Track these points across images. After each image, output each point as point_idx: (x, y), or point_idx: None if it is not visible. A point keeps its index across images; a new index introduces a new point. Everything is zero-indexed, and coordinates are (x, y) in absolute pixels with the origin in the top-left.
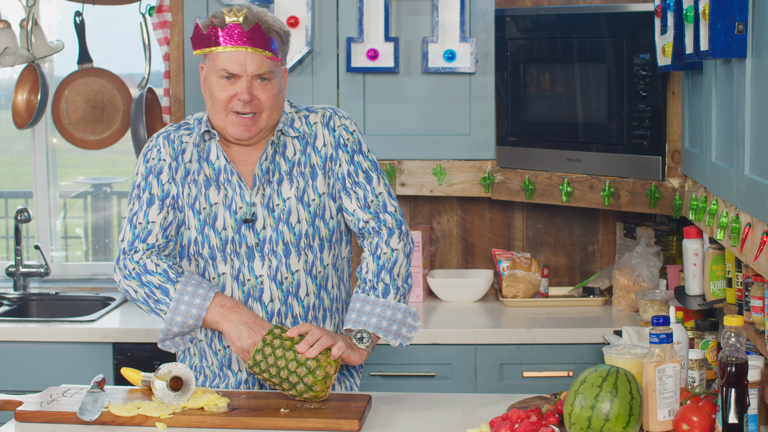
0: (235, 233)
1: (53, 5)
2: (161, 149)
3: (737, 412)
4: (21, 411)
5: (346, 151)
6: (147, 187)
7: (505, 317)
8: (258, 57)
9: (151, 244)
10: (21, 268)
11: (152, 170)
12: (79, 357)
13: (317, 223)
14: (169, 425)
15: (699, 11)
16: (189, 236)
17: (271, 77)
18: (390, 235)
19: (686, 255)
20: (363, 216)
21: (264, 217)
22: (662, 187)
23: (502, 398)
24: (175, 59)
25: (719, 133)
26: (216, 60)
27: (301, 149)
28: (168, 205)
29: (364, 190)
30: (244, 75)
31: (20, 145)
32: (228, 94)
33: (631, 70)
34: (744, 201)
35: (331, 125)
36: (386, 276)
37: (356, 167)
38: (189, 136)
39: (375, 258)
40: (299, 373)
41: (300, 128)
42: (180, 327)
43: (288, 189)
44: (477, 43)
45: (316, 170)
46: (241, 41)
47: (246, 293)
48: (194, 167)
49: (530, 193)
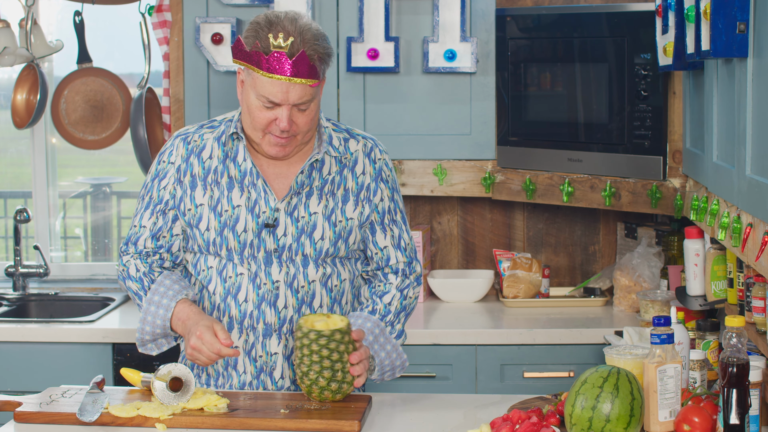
0: (255, 237)
1: (52, 5)
2: (173, 151)
3: (739, 413)
4: (20, 412)
5: (388, 186)
6: (150, 190)
7: (506, 318)
8: (300, 87)
9: (139, 248)
10: (20, 269)
11: (158, 174)
12: (79, 357)
13: (339, 244)
14: (168, 426)
15: (700, 11)
16: (208, 237)
17: (312, 100)
18: (417, 284)
19: (687, 255)
20: (397, 255)
21: (286, 224)
22: (663, 187)
23: (503, 399)
24: (175, 59)
25: (720, 133)
26: (257, 82)
27: (337, 170)
28: (159, 212)
29: (400, 230)
30: (286, 104)
31: (19, 145)
32: (268, 118)
33: (632, 69)
34: (745, 201)
35: (372, 157)
36: (404, 319)
37: (395, 205)
38: (211, 133)
39: (402, 297)
40: (342, 378)
41: (339, 148)
42: (152, 336)
43: (316, 204)
44: (477, 42)
45: (348, 195)
46: (285, 71)
47: (260, 297)
48: (217, 167)
49: (531, 193)
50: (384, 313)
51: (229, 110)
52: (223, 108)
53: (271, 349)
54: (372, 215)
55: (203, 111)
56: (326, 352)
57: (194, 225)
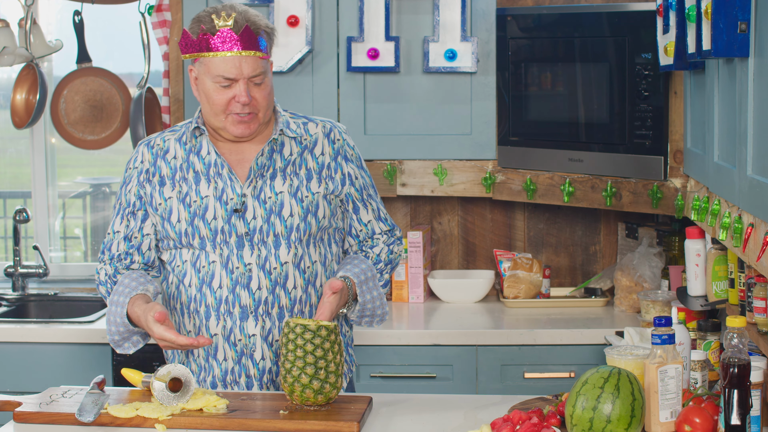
0: (225, 223)
1: (52, 4)
2: (137, 157)
3: (740, 414)
4: (20, 412)
5: (354, 164)
6: (119, 198)
7: (507, 318)
8: (252, 59)
9: (113, 253)
10: (20, 269)
11: (126, 180)
12: (79, 358)
13: (309, 219)
14: (168, 426)
15: (701, 10)
16: (179, 228)
17: (264, 76)
18: (400, 243)
19: (688, 255)
20: (381, 227)
21: (254, 207)
22: (664, 187)
23: (504, 399)
24: (175, 58)
25: (722, 133)
26: (210, 65)
27: (298, 151)
28: (128, 215)
29: (376, 202)
30: (241, 78)
31: (19, 145)
32: (226, 98)
33: (633, 69)
34: (746, 201)
35: (332, 137)
36: (390, 270)
37: (365, 181)
38: (173, 135)
39: (389, 251)
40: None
41: (297, 131)
42: (120, 335)
43: (281, 184)
44: (478, 42)
45: (312, 173)
46: (234, 46)
47: (234, 281)
48: (182, 164)
49: (532, 193)
50: (375, 261)
51: None
52: None
53: (249, 331)
54: (350, 191)
55: None
56: (311, 347)
57: (166, 218)
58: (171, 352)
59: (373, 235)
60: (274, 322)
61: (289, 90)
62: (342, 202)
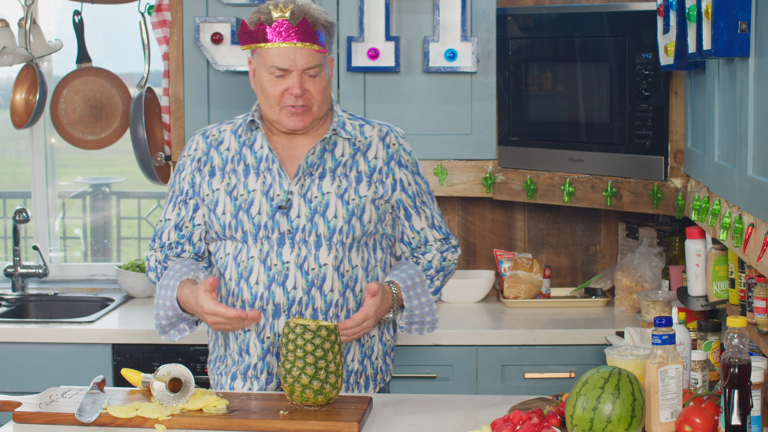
0: (268, 219)
1: (52, 4)
2: (192, 145)
3: (740, 414)
4: (19, 412)
5: (409, 170)
6: (173, 185)
7: (507, 318)
8: (307, 51)
9: (163, 241)
10: (19, 269)
11: (179, 168)
12: (79, 358)
13: (353, 222)
14: (167, 427)
15: (702, 10)
16: (224, 220)
17: (320, 70)
18: (455, 250)
19: (689, 255)
20: (434, 235)
21: (300, 206)
22: (665, 187)
23: (504, 400)
24: (175, 58)
25: (722, 133)
26: (265, 56)
27: (351, 153)
28: (180, 202)
29: (430, 210)
30: (295, 70)
31: (18, 145)
32: (280, 89)
33: (634, 69)
34: (747, 201)
35: (387, 141)
36: (442, 278)
37: (419, 188)
38: (228, 125)
39: (442, 258)
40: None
41: (352, 132)
42: (167, 320)
43: (329, 185)
44: (478, 42)
45: (362, 176)
46: (290, 37)
47: (270, 278)
48: (234, 156)
49: (532, 193)
50: (426, 268)
51: (229, 109)
52: (223, 108)
53: (278, 329)
54: (402, 197)
55: (203, 111)
56: (311, 347)
57: (212, 210)
58: (212, 343)
59: (426, 243)
60: None
61: None
62: (393, 209)
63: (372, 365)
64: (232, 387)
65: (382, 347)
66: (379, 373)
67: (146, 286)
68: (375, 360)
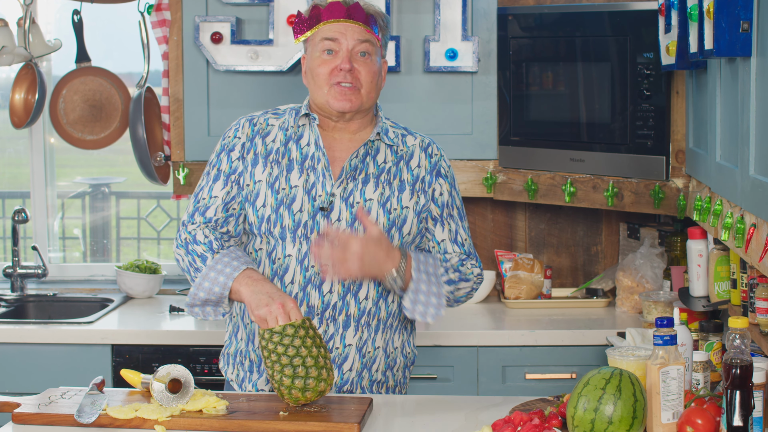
0: (309, 218)
1: (51, 3)
2: (239, 129)
3: (742, 415)
4: (18, 413)
5: (447, 182)
6: (217, 164)
7: (508, 319)
8: (357, 28)
9: (208, 218)
10: (18, 269)
11: (225, 147)
12: (78, 359)
13: (393, 232)
14: (167, 428)
15: (703, 10)
16: (263, 213)
17: (371, 52)
18: (477, 267)
19: (690, 256)
20: (453, 249)
21: (341, 209)
22: (666, 187)
23: (505, 401)
24: (174, 58)
25: (724, 133)
26: (317, 36)
27: (393, 160)
28: (233, 181)
29: (456, 226)
30: (345, 43)
31: (17, 145)
32: (329, 67)
33: (635, 69)
34: (749, 201)
35: (429, 152)
36: (456, 278)
37: (453, 201)
38: (276, 120)
39: (460, 263)
40: (306, 373)
41: (395, 140)
42: (206, 293)
43: (372, 191)
44: (479, 41)
45: (405, 185)
46: (342, 14)
47: (307, 279)
48: (279, 148)
49: (533, 193)
50: (443, 260)
51: (229, 110)
52: (223, 108)
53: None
54: (431, 206)
55: (203, 110)
56: (281, 348)
57: (251, 201)
58: (230, 339)
59: (445, 254)
60: (338, 329)
61: (289, 90)
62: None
63: (393, 377)
64: (251, 380)
65: (403, 360)
66: (398, 385)
67: (146, 287)
68: (396, 372)
